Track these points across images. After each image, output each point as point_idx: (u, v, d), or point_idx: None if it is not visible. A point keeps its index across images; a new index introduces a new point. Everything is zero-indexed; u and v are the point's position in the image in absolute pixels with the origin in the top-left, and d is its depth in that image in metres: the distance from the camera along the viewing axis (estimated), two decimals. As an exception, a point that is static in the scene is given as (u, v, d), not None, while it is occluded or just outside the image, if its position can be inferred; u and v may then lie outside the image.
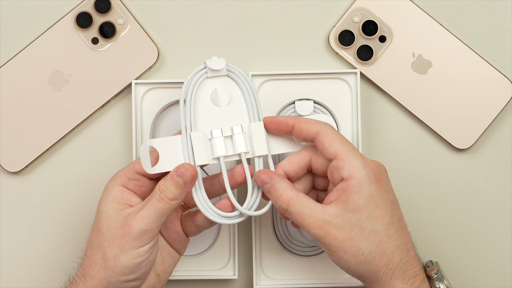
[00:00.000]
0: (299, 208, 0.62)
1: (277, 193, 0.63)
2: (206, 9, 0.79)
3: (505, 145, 0.78)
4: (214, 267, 0.76)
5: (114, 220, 0.63)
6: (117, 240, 0.62)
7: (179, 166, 0.64)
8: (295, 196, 0.63)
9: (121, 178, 0.65)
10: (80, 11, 0.77)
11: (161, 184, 0.63)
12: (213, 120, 0.66)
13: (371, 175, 0.61)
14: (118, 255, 0.62)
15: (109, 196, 0.64)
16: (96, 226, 0.63)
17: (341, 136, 0.64)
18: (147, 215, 0.62)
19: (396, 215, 0.63)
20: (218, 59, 0.66)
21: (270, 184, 0.64)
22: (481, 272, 0.77)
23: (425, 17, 0.77)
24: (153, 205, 0.63)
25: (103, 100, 0.77)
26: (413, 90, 0.77)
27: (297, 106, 0.76)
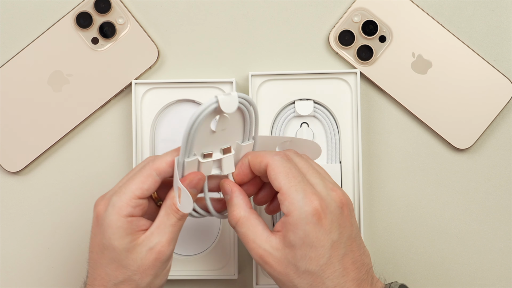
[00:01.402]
0: (245, 230, 0.61)
1: (231, 208, 0.63)
2: (206, 9, 0.79)
3: (505, 145, 0.78)
4: (214, 267, 0.76)
5: (137, 253, 0.61)
6: (149, 270, 0.61)
7: (190, 179, 0.62)
8: (246, 217, 0.62)
9: (126, 209, 0.61)
10: (80, 11, 0.77)
11: (175, 202, 0.62)
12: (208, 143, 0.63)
13: (310, 214, 0.59)
14: (152, 281, 0.62)
15: (121, 231, 0.61)
16: (116, 263, 0.61)
17: (288, 169, 0.61)
18: (173, 238, 0.62)
19: (336, 256, 0.59)
20: (230, 98, 0.60)
21: (229, 196, 0.63)
22: (481, 272, 0.77)
23: (425, 17, 0.77)
24: (176, 226, 0.62)
25: (103, 100, 0.78)
26: (413, 90, 0.77)
27: (297, 106, 0.76)
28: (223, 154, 0.64)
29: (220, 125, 0.62)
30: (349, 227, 0.61)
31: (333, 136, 0.76)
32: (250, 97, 0.63)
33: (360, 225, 0.75)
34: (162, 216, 0.62)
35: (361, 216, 0.75)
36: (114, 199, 0.61)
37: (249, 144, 0.65)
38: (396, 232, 0.78)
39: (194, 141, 0.61)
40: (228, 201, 0.63)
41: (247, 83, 0.77)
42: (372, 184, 0.78)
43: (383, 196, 0.78)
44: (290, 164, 0.61)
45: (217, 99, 0.59)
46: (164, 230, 0.61)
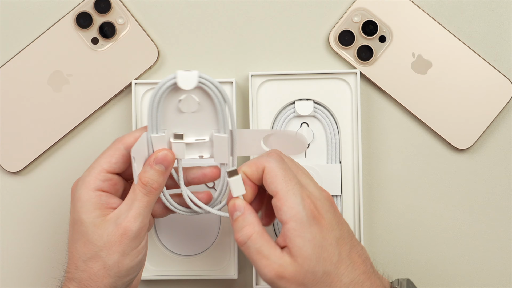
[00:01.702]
0: (259, 246, 0.59)
1: (242, 224, 0.61)
2: (206, 9, 0.79)
3: (505, 145, 0.78)
4: (214, 267, 0.76)
5: (104, 228, 0.61)
6: (115, 246, 0.61)
7: (157, 154, 0.62)
8: (259, 232, 0.60)
9: (94, 182, 0.62)
10: (80, 11, 0.77)
11: (142, 177, 0.62)
12: (178, 123, 0.63)
13: (310, 216, 0.58)
14: (121, 260, 0.61)
15: (88, 205, 0.61)
16: (84, 238, 0.61)
17: (284, 171, 0.60)
18: (139, 213, 0.61)
19: (344, 251, 0.59)
20: (189, 74, 0.61)
21: (241, 213, 0.61)
22: (481, 272, 0.77)
23: (425, 17, 0.77)
24: (142, 201, 0.62)
25: (103, 100, 0.78)
26: (413, 90, 0.77)
27: (297, 106, 0.76)
28: (195, 140, 0.64)
29: (186, 105, 0.62)
30: (345, 223, 0.61)
31: (333, 136, 0.76)
32: (217, 82, 0.62)
33: (360, 226, 0.75)
34: (130, 192, 0.62)
35: (361, 216, 0.75)
36: (83, 175, 0.63)
37: (223, 136, 0.64)
38: (396, 232, 0.78)
39: (159, 117, 0.61)
40: (237, 218, 0.61)
41: (247, 83, 0.77)
42: (372, 184, 0.78)
43: (383, 196, 0.78)
44: (285, 165, 0.61)
45: (175, 75, 0.60)
46: (131, 205, 0.61)
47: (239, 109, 0.78)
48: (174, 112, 0.62)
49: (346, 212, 0.76)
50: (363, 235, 0.75)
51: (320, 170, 0.75)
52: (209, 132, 0.65)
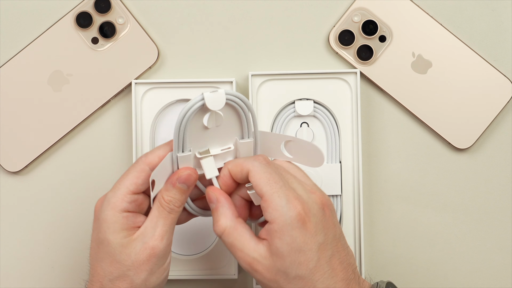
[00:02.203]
0: (232, 240, 0.61)
1: (216, 217, 0.62)
2: (206, 9, 0.79)
3: (505, 145, 0.78)
4: (214, 267, 0.76)
5: (132, 248, 0.61)
6: (143, 265, 0.61)
7: (179, 173, 0.62)
8: (232, 227, 0.61)
9: (120, 204, 0.62)
10: (80, 11, 0.77)
11: (164, 196, 0.62)
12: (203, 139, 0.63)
13: (295, 219, 0.58)
14: (148, 278, 0.61)
15: (116, 226, 0.61)
16: (110, 257, 0.61)
17: (269, 174, 0.60)
18: (165, 231, 0.62)
19: (324, 257, 0.59)
20: (217, 95, 0.60)
21: (215, 206, 0.62)
22: (481, 272, 0.77)
23: (425, 17, 0.77)
24: (166, 219, 0.62)
25: (103, 100, 0.78)
26: (413, 90, 0.77)
27: (297, 106, 0.76)
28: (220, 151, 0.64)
29: (212, 121, 0.62)
30: (333, 227, 0.61)
31: (333, 136, 0.76)
32: (241, 94, 0.62)
33: (360, 226, 0.75)
34: (153, 210, 0.62)
35: (361, 216, 0.75)
36: (109, 195, 0.62)
37: (248, 141, 0.64)
38: (396, 232, 0.78)
39: (186, 137, 0.61)
40: (213, 210, 0.63)
41: (247, 83, 0.77)
42: (372, 184, 0.78)
43: (383, 196, 0.78)
44: (271, 169, 0.61)
45: (202, 97, 0.60)
46: (156, 224, 0.62)
47: (239, 109, 0.78)
48: (198, 130, 0.62)
49: (346, 212, 0.76)
50: (363, 235, 0.75)
51: (320, 170, 0.75)
52: (232, 140, 0.65)
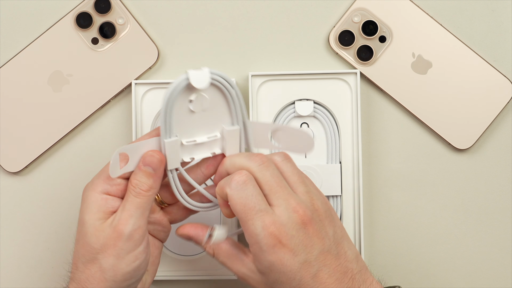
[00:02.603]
0: (223, 259, 0.64)
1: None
2: (206, 9, 0.79)
3: (505, 145, 0.78)
4: (214, 267, 0.76)
5: (103, 231, 0.61)
6: (111, 249, 0.61)
7: (144, 156, 0.62)
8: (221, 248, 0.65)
9: (102, 185, 0.63)
10: (80, 11, 0.77)
11: (132, 179, 0.62)
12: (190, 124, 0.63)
13: (270, 245, 0.59)
14: (116, 264, 0.61)
15: (93, 206, 0.62)
16: (83, 239, 0.62)
17: (245, 200, 0.60)
18: (130, 215, 0.61)
19: (307, 275, 0.60)
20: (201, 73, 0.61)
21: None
22: (481, 272, 0.77)
23: (425, 17, 0.77)
24: (132, 203, 0.61)
25: (103, 100, 0.77)
26: (413, 90, 0.77)
27: (297, 106, 0.76)
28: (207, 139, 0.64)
29: (198, 104, 0.62)
30: (319, 242, 0.60)
31: (333, 136, 0.76)
32: (226, 74, 0.62)
33: (360, 226, 0.75)
34: (125, 194, 0.63)
35: (361, 216, 0.75)
36: (94, 178, 0.64)
37: (234, 129, 0.64)
38: (396, 232, 0.78)
39: (172, 120, 0.61)
40: None
41: (247, 83, 0.77)
42: (372, 184, 0.78)
43: (383, 196, 0.78)
44: (247, 192, 0.60)
45: (187, 75, 0.60)
46: (123, 207, 0.62)
47: (239, 109, 0.78)
48: (184, 114, 0.62)
49: (346, 212, 0.76)
50: (363, 235, 0.75)
51: (320, 170, 0.75)
52: (219, 128, 0.65)
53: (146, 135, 0.64)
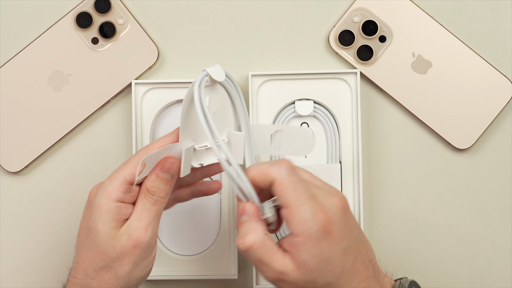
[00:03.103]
0: (260, 255, 0.59)
1: (244, 231, 0.60)
2: (206, 9, 0.79)
3: (505, 145, 0.78)
4: (214, 267, 0.76)
5: (118, 240, 0.60)
6: (128, 257, 0.61)
7: (163, 163, 0.62)
8: (261, 242, 0.59)
9: (115, 193, 0.61)
10: (80, 11, 0.77)
11: (149, 186, 0.62)
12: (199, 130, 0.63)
13: (320, 230, 0.58)
14: (132, 270, 0.61)
15: (108, 215, 0.61)
16: (97, 247, 0.61)
17: (295, 184, 0.59)
18: (149, 223, 0.61)
19: (349, 261, 0.59)
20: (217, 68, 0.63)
21: (248, 218, 0.60)
22: (481, 272, 0.77)
23: (425, 17, 0.77)
24: (150, 211, 0.61)
25: (103, 100, 0.77)
26: (413, 90, 0.77)
27: (297, 106, 0.76)
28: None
29: (212, 106, 0.62)
30: (354, 228, 0.60)
31: (333, 136, 0.76)
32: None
33: (360, 225, 0.75)
34: (138, 202, 0.62)
35: (361, 216, 0.75)
36: (105, 183, 0.62)
37: (239, 134, 0.64)
38: (396, 232, 0.78)
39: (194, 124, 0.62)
40: (242, 223, 0.61)
41: (247, 83, 0.77)
42: (372, 184, 0.78)
43: (383, 196, 0.78)
44: (296, 178, 0.59)
45: (206, 72, 0.61)
46: (141, 215, 0.61)
47: (239, 109, 0.78)
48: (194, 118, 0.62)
49: (346, 212, 0.76)
50: (363, 235, 0.75)
51: (320, 170, 0.76)
52: (225, 132, 0.65)
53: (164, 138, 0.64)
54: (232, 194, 0.76)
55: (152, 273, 0.76)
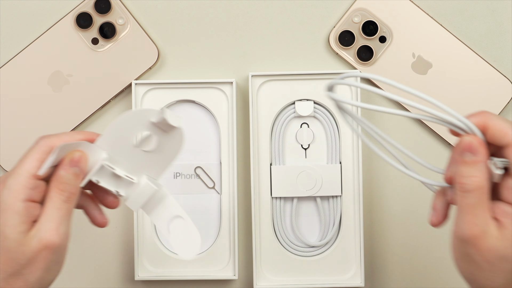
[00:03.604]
0: (476, 202, 0.54)
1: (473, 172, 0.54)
2: (206, 9, 0.79)
3: (505, 145, 0.78)
4: (214, 267, 0.76)
5: (28, 245, 0.54)
6: (39, 263, 0.55)
7: (72, 155, 0.56)
8: (485, 189, 0.53)
9: (24, 191, 0.54)
10: (80, 11, 0.77)
11: (58, 183, 0.56)
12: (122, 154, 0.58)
13: None
14: (43, 276, 0.56)
15: (16, 218, 0.54)
16: (5, 255, 0.54)
17: (510, 124, 0.54)
18: (60, 223, 0.55)
19: None
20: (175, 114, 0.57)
21: (475, 159, 0.53)
22: (480, 272, 0.77)
23: (425, 17, 0.77)
24: (62, 209, 0.56)
25: (103, 100, 0.78)
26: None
27: (297, 106, 0.76)
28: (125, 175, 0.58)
29: (147, 143, 0.58)
30: None
31: (333, 136, 0.76)
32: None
33: (360, 225, 0.75)
34: (47, 201, 0.56)
35: (361, 216, 0.75)
36: (9, 182, 0.55)
37: (151, 186, 0.59)
38: (396, 232, 0.78)
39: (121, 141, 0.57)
40: (469, 162, 0.54)
41: (247, 84, 0.77)
42: (372, 184, 0.78)
43: (383, 196, 0.78)
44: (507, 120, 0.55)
45: (163, 112, 0.56)
46: (51, 216, 0.55)
47: (239, 109, 0.78)
48: (129, 141, 0.58)
49: (346, 212, 0.76)
50: (363, 235, 0.75)
51: (320, 170, 0.76)
52: (141, 175, 0.60)
53: (72, 133, 0.58)
54: (232, 194, 0.76)
55: (152, 273, 0.76)
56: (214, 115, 0.77)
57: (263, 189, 0.76)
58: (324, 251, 0.76)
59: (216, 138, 0.77)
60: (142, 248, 0.76)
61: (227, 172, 0.76)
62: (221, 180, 0.76)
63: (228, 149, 0.76)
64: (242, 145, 0.78)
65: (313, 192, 0.76)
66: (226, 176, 0.76)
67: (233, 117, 0.76)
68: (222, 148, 0.76)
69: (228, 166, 0.76)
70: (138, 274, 0.76)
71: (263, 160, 0.76)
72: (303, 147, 0.77)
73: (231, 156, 0.76)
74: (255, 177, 0.76)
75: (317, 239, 0.77)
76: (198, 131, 0.77)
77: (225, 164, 0.76)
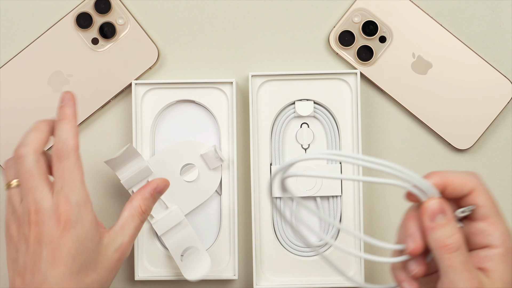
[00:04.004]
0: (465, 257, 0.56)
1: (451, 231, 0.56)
2: (206, 9, 0.79)
3: (505, 145, 0.78)
4: (214, 267, 0.76)
5: (104, 254, 0.62)
6: (113, 271, 0.63)
7: (159, 183, 0.66)
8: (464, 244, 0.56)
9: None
10: (80, 11, 0.77)
11: (142, 205, 0.65)
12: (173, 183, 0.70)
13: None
14: (110, 282, 0.63)
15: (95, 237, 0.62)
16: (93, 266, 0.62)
17: (492, 196, 0.58)
18: (134, 238, 0.64)
19: None
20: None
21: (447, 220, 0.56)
22: (481, 272, 0.77)
23: (425, 17, 0.77)
24: (137, 228, 0.64)
25: (103, 100, 0.78)
26: (413, 90, 0.77)
27: (297, 106, 0.76)
28: None
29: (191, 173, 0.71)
30: None
31: (333, 136, 0.76)
32: None
33: (360, 226, 0.75)
34: (126, 217, 0.64)
35: (361, 216, 0.75)
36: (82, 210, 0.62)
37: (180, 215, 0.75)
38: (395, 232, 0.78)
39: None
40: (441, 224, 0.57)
41: (247, 84, 0.77)
42: (372, 184, 0.78)
43: (383, 196, 0.78)
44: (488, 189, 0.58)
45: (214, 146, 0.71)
46: (128, 231, 0.63)
47: (239, 109, 0.78)
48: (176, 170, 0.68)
49: (346, 212, 0.76)
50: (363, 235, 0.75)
51: (320, 170, 0.76)
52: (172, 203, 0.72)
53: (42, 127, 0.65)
54: (232, 194, 0.76)
55: (152, 273, 0.76)
56: (214, 115, 0.77)
57: (263, 189, 0.76)
58: (324, 251, 0.76)
59: (216, 138, 0.77)
60: (142, 248, 0.76)
61: (227, 172, 0.76)
62: (221, 180, 0.76)
63: (228, 149, 0.76)
64: (242, 145, 0.78)
65: (313, 192, 0.76)
66: (226, 176, 0.76)
67: (233, 117, 0.76)
68: (222, 148, 0.76)
69: (228, 166, 0.76)
70: (138, 274, 0.76)
71: (263, 160, 0.76)
72: (303, 147, 0.77)
73: (231, 156, 0.76)
74: (255, 177, 0.76)
75: (317, 239, 0.77)
76: (198, 131, 0.77)
77: (225, 164, 0.76)
